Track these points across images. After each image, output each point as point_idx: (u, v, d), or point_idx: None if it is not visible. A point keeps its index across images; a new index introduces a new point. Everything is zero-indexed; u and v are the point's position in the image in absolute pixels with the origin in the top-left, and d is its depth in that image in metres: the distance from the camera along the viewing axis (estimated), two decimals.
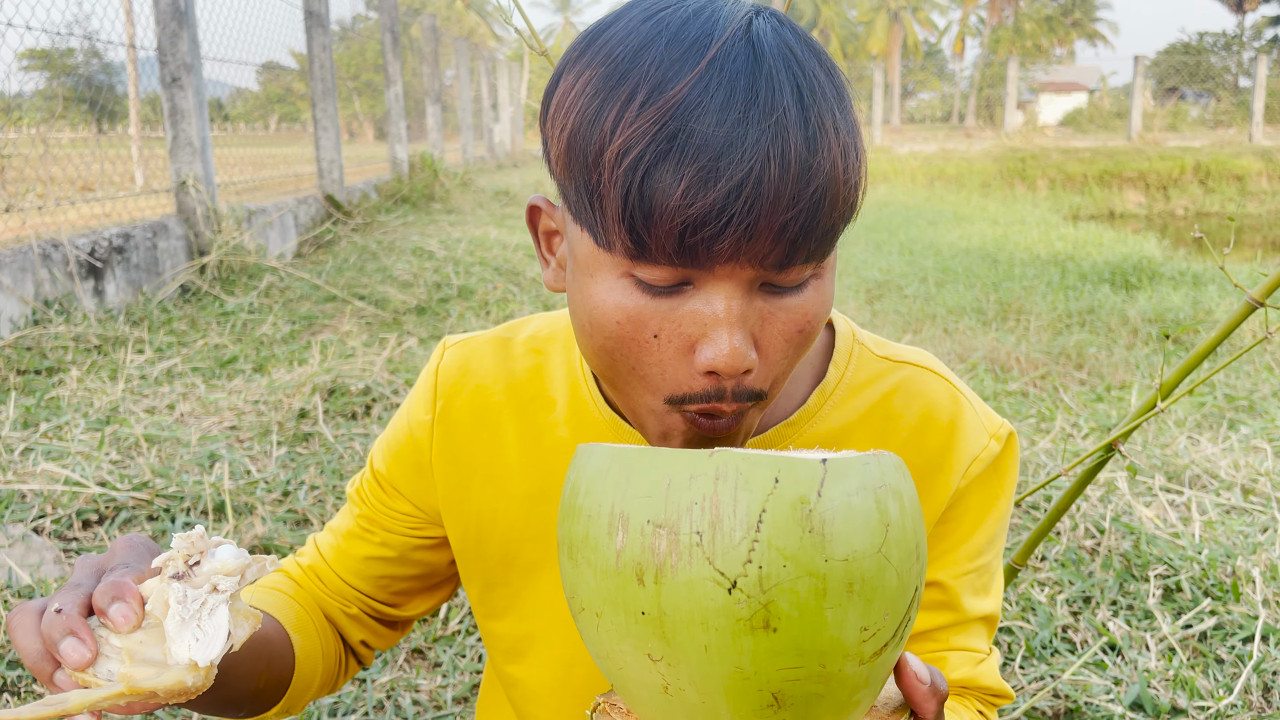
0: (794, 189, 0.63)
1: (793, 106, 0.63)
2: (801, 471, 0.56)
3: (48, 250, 4.15)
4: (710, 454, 0.57)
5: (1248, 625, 1.97)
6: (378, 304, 4.90)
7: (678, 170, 0.62)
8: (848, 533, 0.56)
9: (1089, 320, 5.14)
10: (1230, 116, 25.94)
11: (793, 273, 0.66)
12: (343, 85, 13.99)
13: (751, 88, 0.63)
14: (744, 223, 0.62)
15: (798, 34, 0.69)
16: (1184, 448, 3.00)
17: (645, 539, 0.57)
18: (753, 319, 0.67)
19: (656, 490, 0.57)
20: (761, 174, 0.62)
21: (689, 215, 0.62)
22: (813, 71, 0.66)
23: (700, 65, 0.64)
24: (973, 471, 0.84)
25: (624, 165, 0.63)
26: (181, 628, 0.62)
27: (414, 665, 1.92)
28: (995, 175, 15.64)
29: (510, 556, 0.92)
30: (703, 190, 0.62)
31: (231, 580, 0.63)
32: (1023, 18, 49.51)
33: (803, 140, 0.63)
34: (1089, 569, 2.24)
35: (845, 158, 0.65)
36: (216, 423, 3.03)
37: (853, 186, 0.66)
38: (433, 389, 0.94)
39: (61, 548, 2.22)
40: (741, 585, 0.55)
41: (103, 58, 7.24)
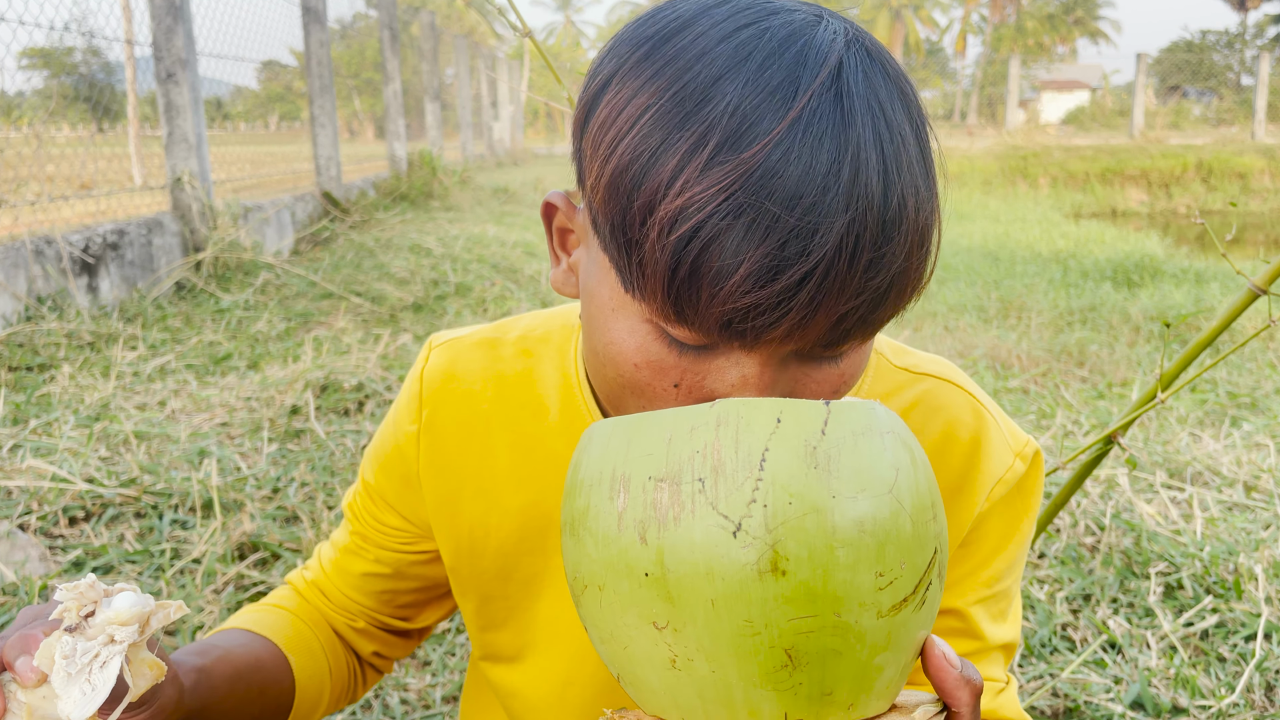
0: (862, 280, 0.57)
1: (877, 185, 0.56)
2: (805, 411, 0.54)
3: (41, 246, 4.12)
4: (711, 405, 0.55)
5: (1250, 623, 1.94)
6: (374, 301, 4.87)
7: (739, 252, 0.55)
8: (855, 469, 0.53)
9: (1090, 318, 5.10)
10: (1233, 114, 25.89)
11: (836, 349, 0.62)
12: (342, 83, 13.98)
13: (835, 161, 0.55)
14: (803, 314, 0.57)
15: (885, 69, 0.60)
16: (1186, 444, 2.97)
17: (647, 495, 0.54)
18: (784, 385, 0.62)
19: (657, 447, 0.55)
20: (832, 264, 0.55)
21: (744, 303, 0.56)
22: (900, 129, 0.58)
23: (785, 120, 0.55)
24: (996, 494, 0.79)
25: (678, 233, 0.56)
26: (68, 683, 0.59)
27: (402, 664, 1.89)
28: (997, 173, 15.60)
29: (507, 570, 0.87)
30: (765, 279, 0.55)
31: (129, 630, 0.60)
32: (1025, 15, 49.45)
33: (879, 227, 0.56)
34: (1089, 566, 2.21)
35: (922, 242, 0.59)
36: (208, 419, 3.01)
37: (925, 274, 0.61)
38: (418, 396, 0.88)
39: (47, 544, 2.19)
40: (746, 527, 0.52)
41: (102, 56, 7.21)
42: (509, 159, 18.79)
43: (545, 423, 0.84)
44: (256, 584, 2.05)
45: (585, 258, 0.68)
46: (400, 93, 10.52)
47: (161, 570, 2.07)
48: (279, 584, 2.05)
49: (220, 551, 2.12)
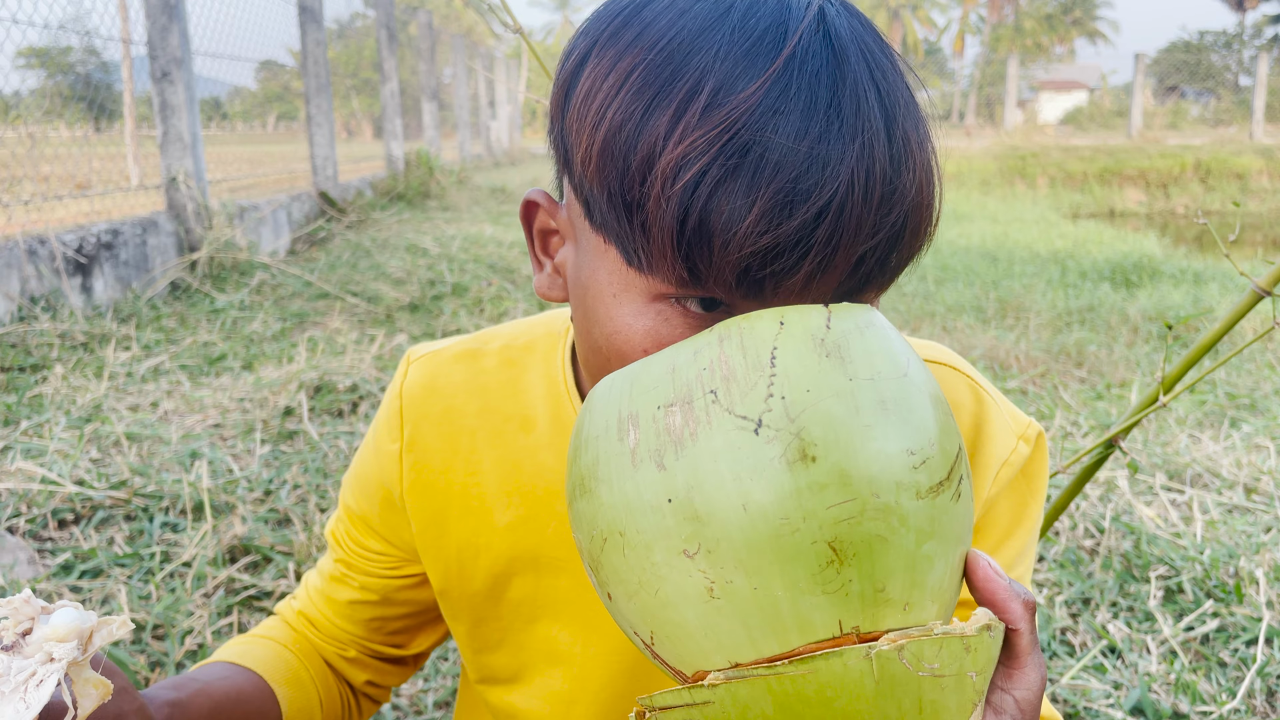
0: (877, 216, 0.55)
1: (879, 119, 0.55)
2: (806, 312, 0.53)
3: (34, 246, 4.10)
4: (710, 329, 0.54)
5: (1251, 627, 1.92)
6: (370, 301, 4.85)
7: (749, 191, 0.53)
8: (866, 355, 0.52)
9: (1089, 318, 5.09)
10: (1231, 115, 25.90)
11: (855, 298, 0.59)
12: (340, 83, 13.94)
13: (835, 95, 0.54)
14: (821, 255, 0.54)
15: (865, 24, 0.60)
16: (1185, 446, 2.95)
17: (658, 424, 0.52)
18: None
19: (662, 379, 0.54)
20: (846, 199, 0.54)
21: (761, 245, 0.54)
22: (890, 74, 0.58)
23: (778, 62, 0.54)
24: (1003, 477, 0.77)
25: (682, 182, 0.54)
26: (2, 702, 0.56)
27: None
28: (995, 173, 15.59)
29: (498, 591, 0.84)
30: (780, 217, 0.53)
31: (68, 647, 0.58)
32: (1023, 16, 49.47)
33: (888, 160, 0.55)
34: (1088, 570, 2.19)
35: (929, 178, 0.58)
36: (200, 420, 2.98)
37: (934, 211, 0.59)
38: (398, 413, 0.85)
39: (36, 547, 2.16)
40: (767, 421, 0.50)
41: (99, 55, 7.19)
42: (506, 159, 18.77)
43: (532, 435, 0.81)
44: (247, 587, 2.03)
45: (573, 254, 0.66)
46: (397, 92, 10.49)
47: (151, 574, 2.05)
48: (269, 587, 2.03)
49: (211, 555, 2.10)
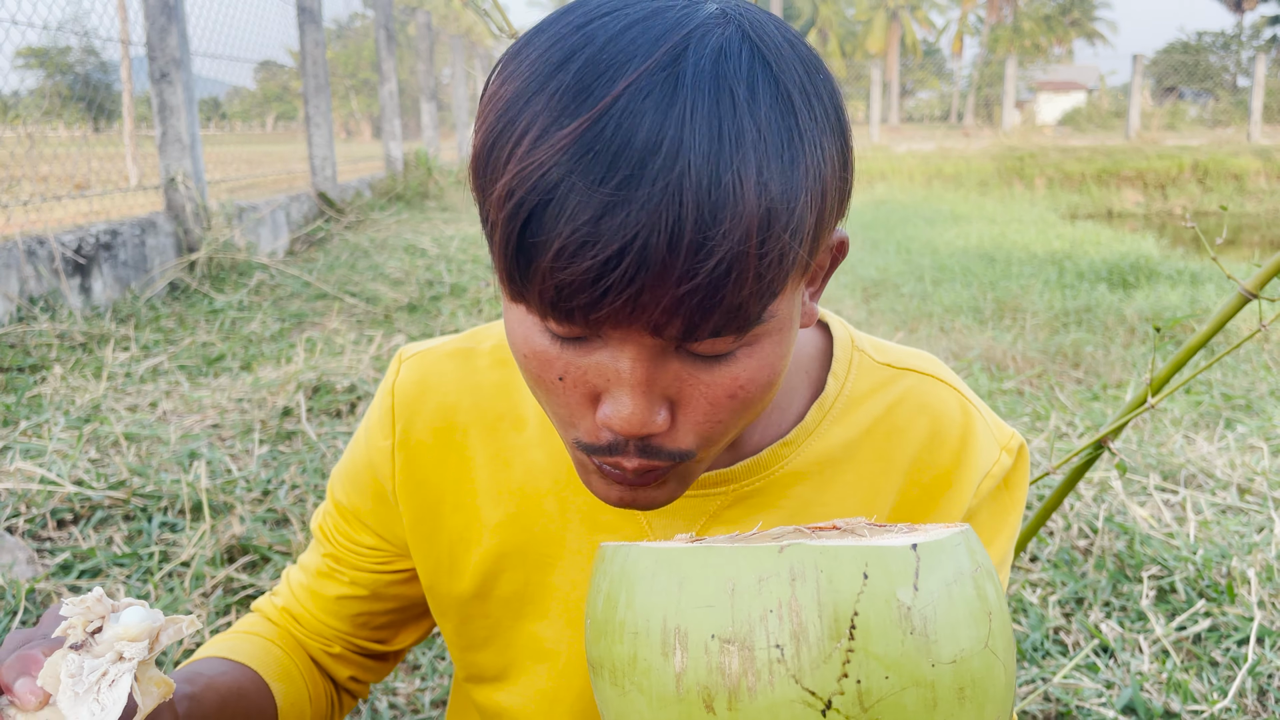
0: (687, 264, 0.53)
1: (699, 159, 0.53)
2: (892, 562, 0.48)
3: (33, 246, 4.11)
4: (779, 549, 0.49)
5: (1243, 627, 1.94)
6: (368, 301, 4.86)
7: (553, 228, 0.54)
8: (952, 629, 0.48)
9: (1086, 319, 5.10)
10: (1229, 116, 25.92)
11: (704, 345, 0.58)
12: (339, 83, 13.95)
13: (656, 133, 0.53)
14: (623, 294, 0.54)
15: (762, 50, 0.57)
16: (1179, 446, 2.96)
17: (711, 658, 0.48)
18: (665, 381, 0.60)
19: (719, 598, 0.49)
20: (647, 244, 0.52)
21: (561, 280, 0.54)
22: (755, 108, 0.55)
23: (606, 99, 0.54)
24: (985, 488, 0.78)
25: (506, 209, 0.55)
26: (76, 703, 0.56)
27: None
28: (993, 174, 15.61)
29: (487, 588, 0.85)
30: (575, 256, 0.53)
31: (139, 646, 0.58)
32: (1021, 17, 49.49)
33: (703, 206, 0.52)
34: (1081, 569, 2.20)
35: (767, 228, 0.54)
36: (199, 421, 2.99)
37: (775, 256, 0.55)
38: (390, 410, 0.85)
39: (35, 547, 2.17)
40: (838, 705, 0.46)
41: (98, 55, 7.19)
42: None
43: (524, 434, 0.82)
44: (245, 587, 2.04)
45: None
46: (396, 93, 10.50)
47: (150, 574, 2.06)
48: (267, 587, 2.04)
49: (209, 555, 2.11)
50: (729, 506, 0.78)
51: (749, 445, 0.77)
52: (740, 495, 0.77)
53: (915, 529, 0.58)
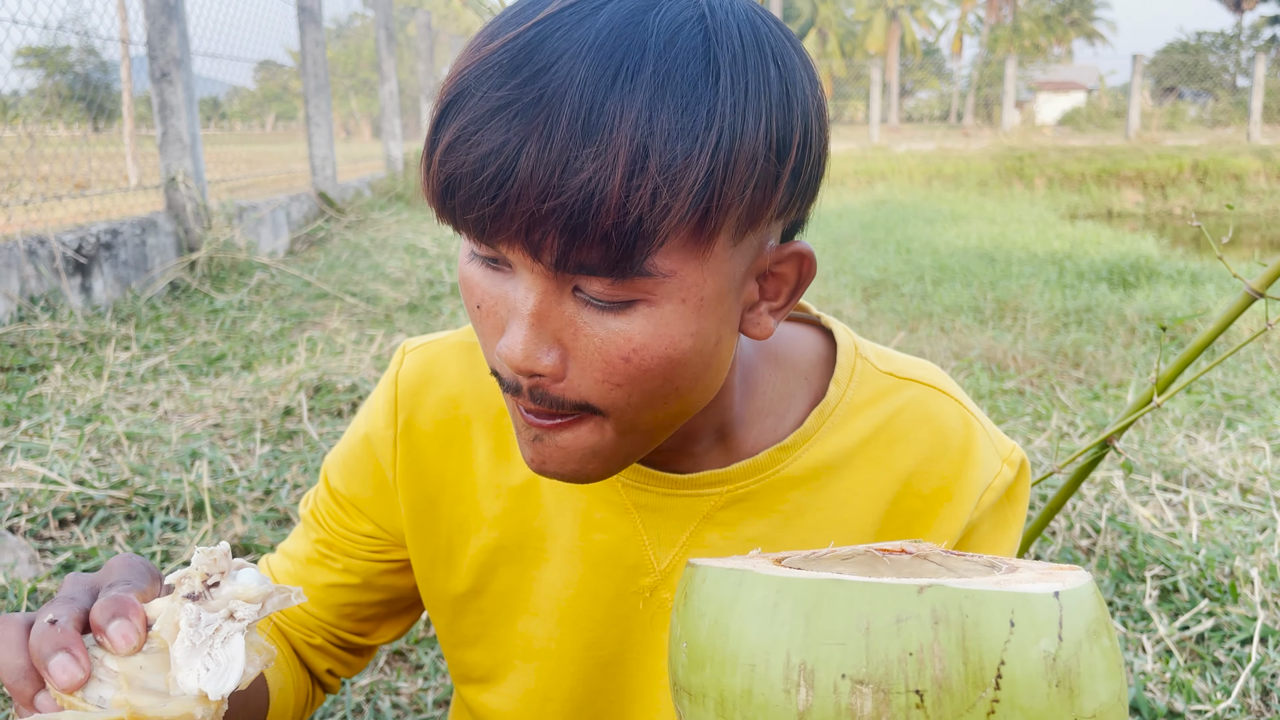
0: (553, 176, 0.54)
1: (589, 81, 0.54)
2: (1038, 610, 0.47)
3: (34, 246, 4.10)
4: (919, 589, 0.47)
5: (1246, 627, 1.94)
6: (369, 301, 4.86)
7: (449, 125, 0.58)
8: (1093, 681, 0.47)
9: (1086, 319, 5.10)
10: (1228, 116, 25.92)
11: (594, 284, 0.59)
12: (339, 83, 13.94)
13: (559, 53, 0.56)
14: (496, 197, 0.56)
15: (720, 18, 0.59)
16: (1181, 446, 2.96)
17: (841, 698, 0.46)
18: (559, 323, 0.61)
19: (851, 636, 0.46)
20: (520, 149, 0.55)
21: (444, 174, 0.58)
22: (675, 58, 0.56)
23: (529, 23, 0.58)
24: (986, 500, 0.78)
25: (433, 115, 0.60)
26: (190, 654, 0.55)
27: (394, 668, 1.88)
28: (993, 174, 15.60)
29: (482, 583, 0.85)
30: (458, 150, 0.57)
31: (251, 608, 0.57)
32: (1021, 17, 49.50)
33: (580, 120, 0.54)
34: (1084, 569, 2.20)
35: (641, 159, 0.54)
36: (200, 420, 2.99)
37: (646, 197, 0.55)
38: (393, 400, 0.85)
39: (37, 547, 2.17)
40: None
41: (98, 55, 7.19)
42: None
43: None
44: None
45: None
46: (396, 93, 10.50)
47: None
48: None
49: None
50: (723, 508, 0.78)
51: (745, 448, 0.77)
52: (735, 497, 0.77)
53: (1008, 564, 0.56)
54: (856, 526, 0.78)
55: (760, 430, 0.78)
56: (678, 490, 0.78)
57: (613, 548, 0.80)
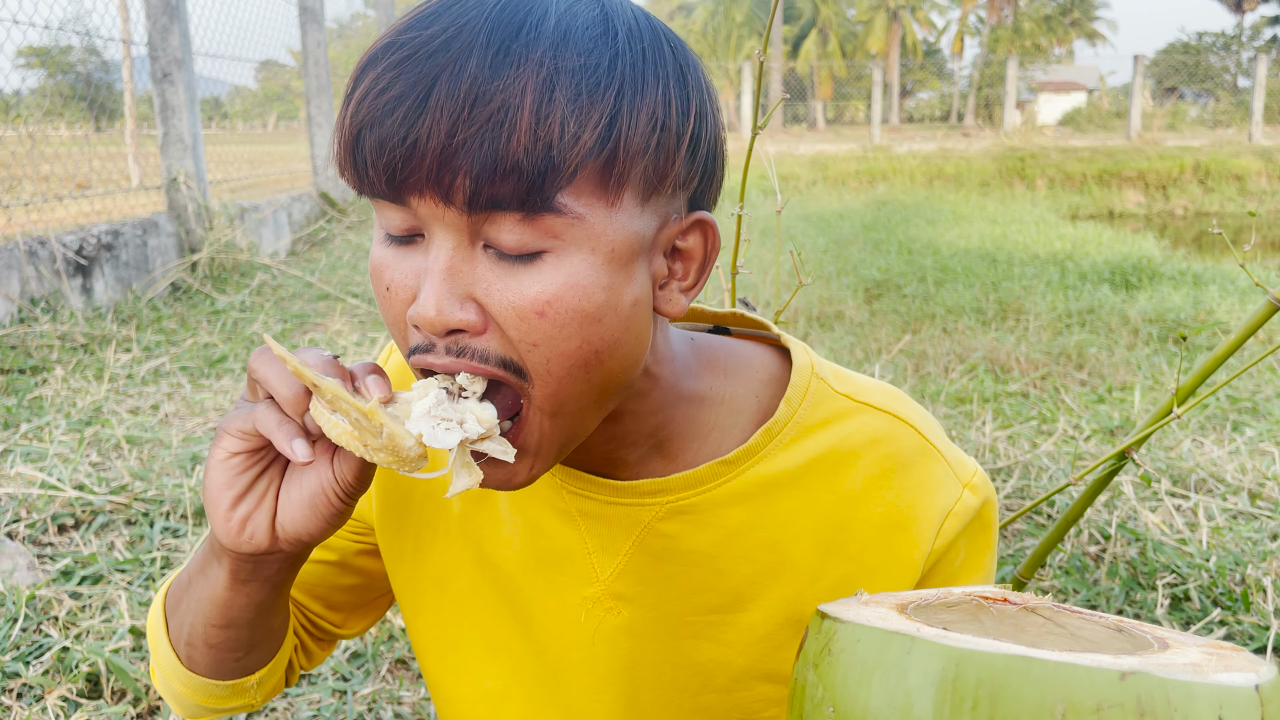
0: (462, 112, 0.56)
1: (492, 35, 0.58)
2: (1243, 705, 0.44)
3: (34, 247, 4.09)
4: (1121, 675, 0.44)
5: (1259, 636, 1.92)
6: (371, 302, 4.84)
7: (366, 76, 0.59)
8: None
9: (1089, 320, 5.08)
10: (1229, 116, 25.91)
11: (503, 226, 0.59)
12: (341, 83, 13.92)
13: (460, 16, 0.59)
14: (403, 137, 0.57)
15: (620, 11, 0.63)
16: (1188, 450, 2.94)
17: None
18: (469, 277, 0.61)
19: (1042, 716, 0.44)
20: (432, 87, 0.57)
21: (359, 121, 0.59)
22: (576, 22, 0.60)
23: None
24: (949, 529, 0.76)
25: (347, 86, 0.61)
26: (422, 420, 0.62)
27: (397, 676, 1.86)
28: (994, 174, 15.58)
29: (446, 579, 0.85)
30: (367, 100, 0.58)
31: (479, 429, 0.62)
32: (1022, 17, 49.48)
33: (488, 58, 0.57)
34: (1094, 576, 2.18)
35: (549, 88, 0.57)
36: (201, 423, 2.97)
37: (555, 126, 0.57)
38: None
39: (36, 553, 2.15)
40: None
41: (101, 55, 7.17)
42: None
43: None
44: None
45: None
46: None
47: (152, 579, 2.04)
48: None
49: None
50: (664, 519, 0.77)
51: (686, 458, 0.77)
52: (677, 508, 0.76)
53: (1136, 626, 0.54)
54: (802, 548, 0.76)
55: (704, 443, 0.77)
56: (619, 498, 0.77)
57: (557, 555, 0.80)
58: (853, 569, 0.77)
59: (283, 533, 0.68)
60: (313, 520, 0.67)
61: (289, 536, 0.68)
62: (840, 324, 5.02)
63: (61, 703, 1.65)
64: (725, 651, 0.79)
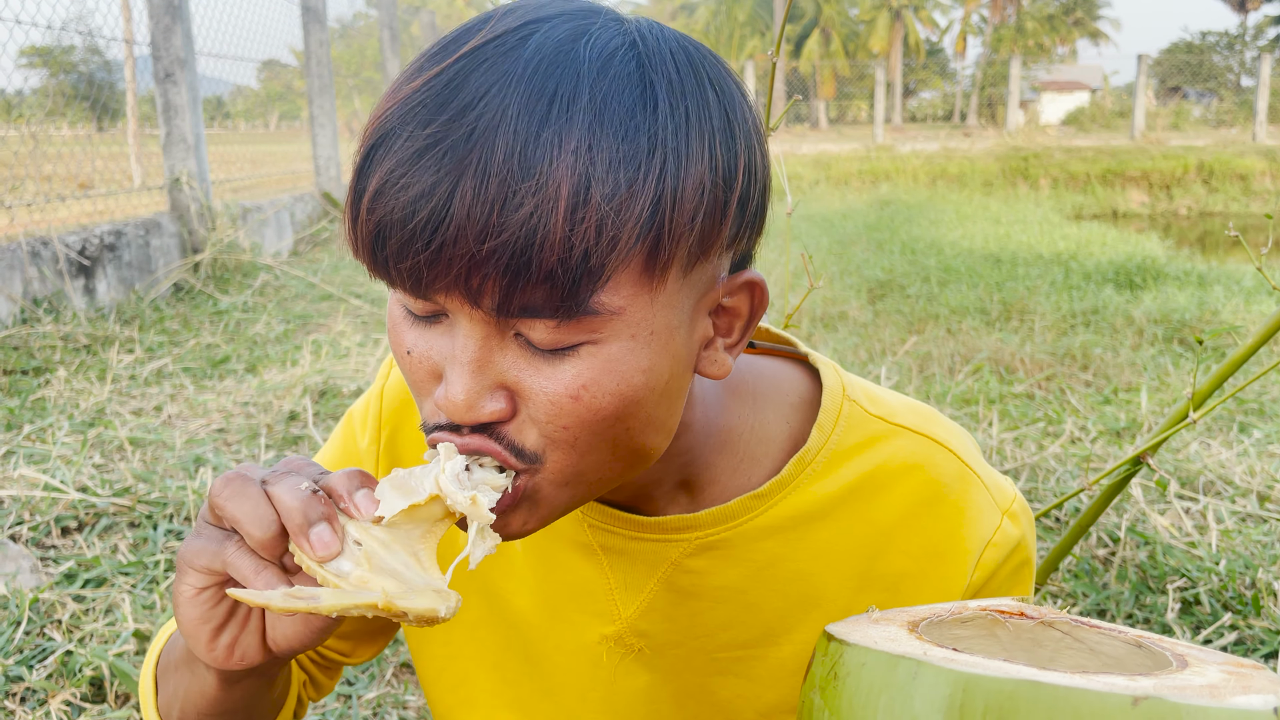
0: (491, 214, 0.51)
1: (520, 113, 0.52)
2: None
3: (37, 248, 4.08)
4: (1134, 700, 0.43)
5: (1270, 640, 1.90)
6: (374, 303, 4.83)
7: (374, 171, 0.54)
8: None
9: (1093, 320, 5.06)
10: (1233, 116, 25.87)
11: (536, 327, 0.55)
12: (342, 83, 13.92)
13: (486, 88, 0.53)
14: (431, 241, 0.52)
15: (653, 48, 0.56)
16: (1196, 452, 2.93)
17: None
18: (501, 367, 0.57)
19: None
20: (454, 189, 0.51)
21: (373, 222, 0.54)
22: (608, 88, 0.53)
23: (452, 59, 0.54)
24: (989, 559, 0.73)
25: (357, 160, 0.56)
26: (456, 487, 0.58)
27: (402, 680, 1.85)
28: (998, 174, 15.56)
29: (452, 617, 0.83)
30: (385, 196, 0.53)
31: (492, 496, 0.58)
32: (1025, 16, 49.43)
33: (517, 149, 0.51)
34: (1103, 580, 2.17)
35: (584, 189, 0.51)
36: (204, 425, 2.96)
37: (591, 229, 0.52)
38: (377, 416, 0.83)
39: (39, 555, 2.14)
40: None
41: (103, 55, 7.17)
42: None
43: None
44: None
45: None
46: None
47: (155, 583, 2.03)
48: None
49: None
50: (691, 555, 0.74)
51: (715, 492, 0.73)
52: (705, 544, 0.73)
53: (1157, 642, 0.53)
54: (834, 581, 0.74)
55: (734, 475, 0.73)
56: (645, 534, 0.74)
57: (576, 590, 0.77)
58: (887, 600, 0.74)
59: (276, 647, 0.63)
60: (307, 634, 0.62)
61: (284, 650, 0.63)
62: (844, 325, 5.00)
63: (65, 707, 1.64)
64: (753, 687, 0.76)
